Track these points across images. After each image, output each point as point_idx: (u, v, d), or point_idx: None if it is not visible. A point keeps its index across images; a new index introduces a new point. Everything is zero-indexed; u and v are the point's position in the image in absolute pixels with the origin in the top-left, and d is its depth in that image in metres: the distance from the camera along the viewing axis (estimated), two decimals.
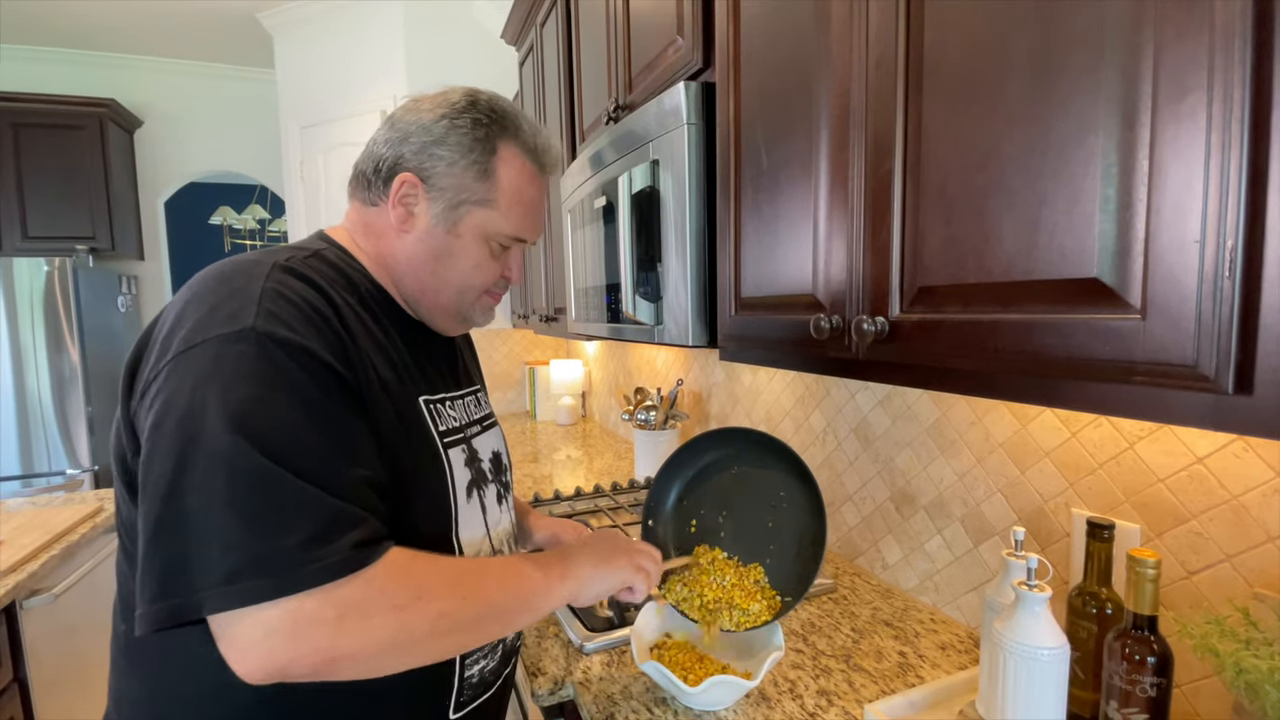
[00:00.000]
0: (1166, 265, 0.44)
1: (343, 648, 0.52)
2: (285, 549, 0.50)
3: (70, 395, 3.07)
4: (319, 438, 0.55)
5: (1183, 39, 0.43)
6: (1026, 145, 0.53)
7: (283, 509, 0.51)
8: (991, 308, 0.58)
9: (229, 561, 0.49)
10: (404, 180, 0.70)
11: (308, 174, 3.20)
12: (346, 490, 0.55)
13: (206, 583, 0.49)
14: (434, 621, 0.56)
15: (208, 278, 0.61)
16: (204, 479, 0.50)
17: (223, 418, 0.51)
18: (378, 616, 0.53)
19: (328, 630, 0.51)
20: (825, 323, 0.76)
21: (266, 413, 0.53)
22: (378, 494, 0.59)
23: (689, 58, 1.10)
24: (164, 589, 0.50)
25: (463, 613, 0.58)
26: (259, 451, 0.51)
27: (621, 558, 0.76)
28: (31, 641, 1.40)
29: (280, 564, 0.50)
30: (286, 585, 0.50)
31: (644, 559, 0.78)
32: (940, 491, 1.10)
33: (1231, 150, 0.41)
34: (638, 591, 0.77)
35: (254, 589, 0.49)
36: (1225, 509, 0.71)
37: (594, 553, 0.75)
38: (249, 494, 0.50)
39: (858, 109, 0.72)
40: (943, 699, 0.84)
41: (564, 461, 2.27)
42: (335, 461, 0.55)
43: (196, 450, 0.51)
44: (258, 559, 0.49)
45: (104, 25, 3.34)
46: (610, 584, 0.74)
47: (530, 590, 0.65)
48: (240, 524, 0.50)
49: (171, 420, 0.52)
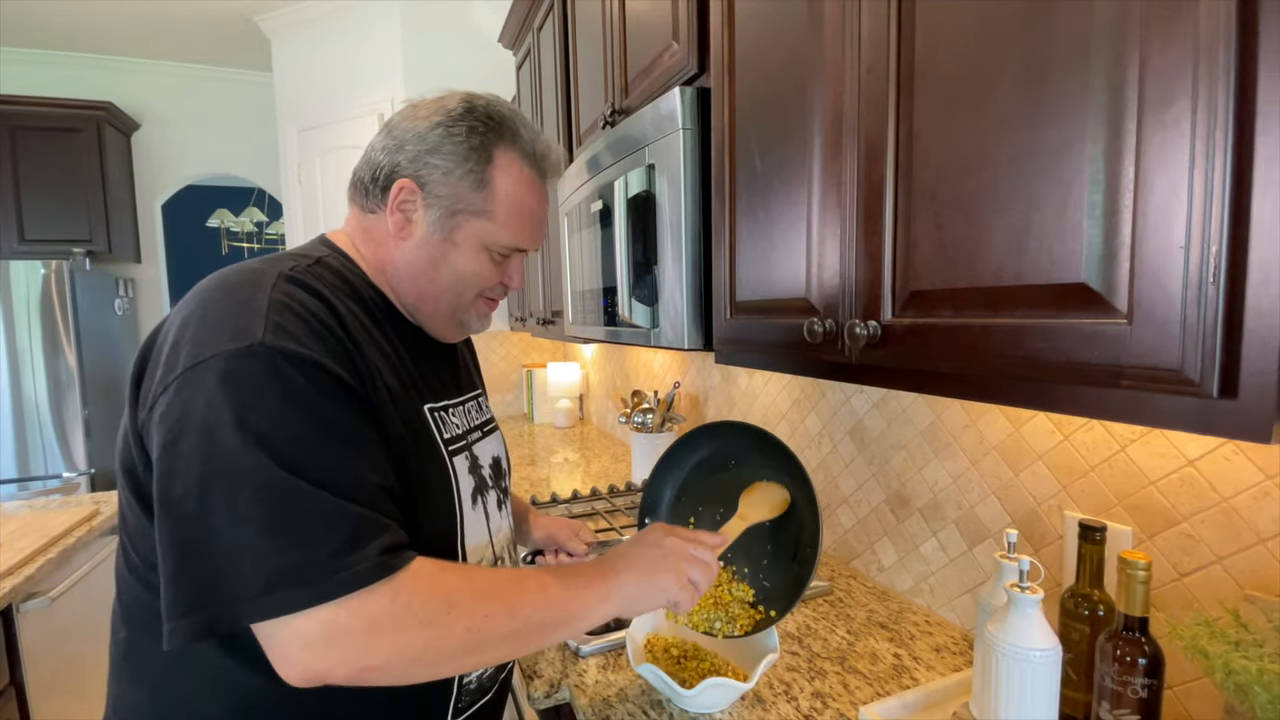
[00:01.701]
0: (1152, 270, 0.45)
1: (374, 658, 0.53)
2: (316, 559, 0.51)
3: (67, 399, 3.07)
4: (335, 449, 0.55)
5: (1168, 48, 0.43)
6: (1016, 151, 0.54)
7: (309, 520, 0.52)
8: (982, 312, 0.58)
9: (263, 573, 0.50)
10: (402, 186, 0.70)
11: (305, 177, 3.20)
12: (367, 499, 0.55)
13: (243, 595, 0.50)
14: (464, 638, 0.56)
15: (212, 288, 0.61)
16: (228, 497, 0.51)
17: (240, 435, 0.51)
18: (408, 631, 0.54)
19: (358, 641, 0.52)
20: (819, 326, 0.77)
21: (282, 427, 0.53)
22: (395, 501, 0.59)
23: (684, 63, 1.11)
24: (198, 603, 0.51)
25: (494, 630, 0.58)
26: (278, 465, 0.51)
27: (667, 573, 0.68)
28: (28, 645, 1.40)
29: (313, 573, 0.50)
30: (322, 593, 0.50)
31: (695, 568, 0.70)
32: (935, 494, 1.11)
33: (1215, 157, 0.41)
34: (682, 605, 0.69)
35: (291, 598, 0.50)
36: (1216, 511, 0.71)
37: (639, 569, 0.68)
38: (274, 508, 0.51)
39: (850, 114, 0.72)
40: (937, 701, 0.84)
41: (561, 464, 2.27)
42: (353, 471, 0.56)
43: (217, 469, 0.51)
44: (291, 569, 0.50)
45: (101, 28, 3.34)
46: (655, 602, 0.68)
47: (568, 611, 0.63)
48: (269, 538, 0.50)
49: (188, 439, 0.52)
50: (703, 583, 0.70)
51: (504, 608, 0.59)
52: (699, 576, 0.70)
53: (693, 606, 0.71)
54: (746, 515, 0.88)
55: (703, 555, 0.71)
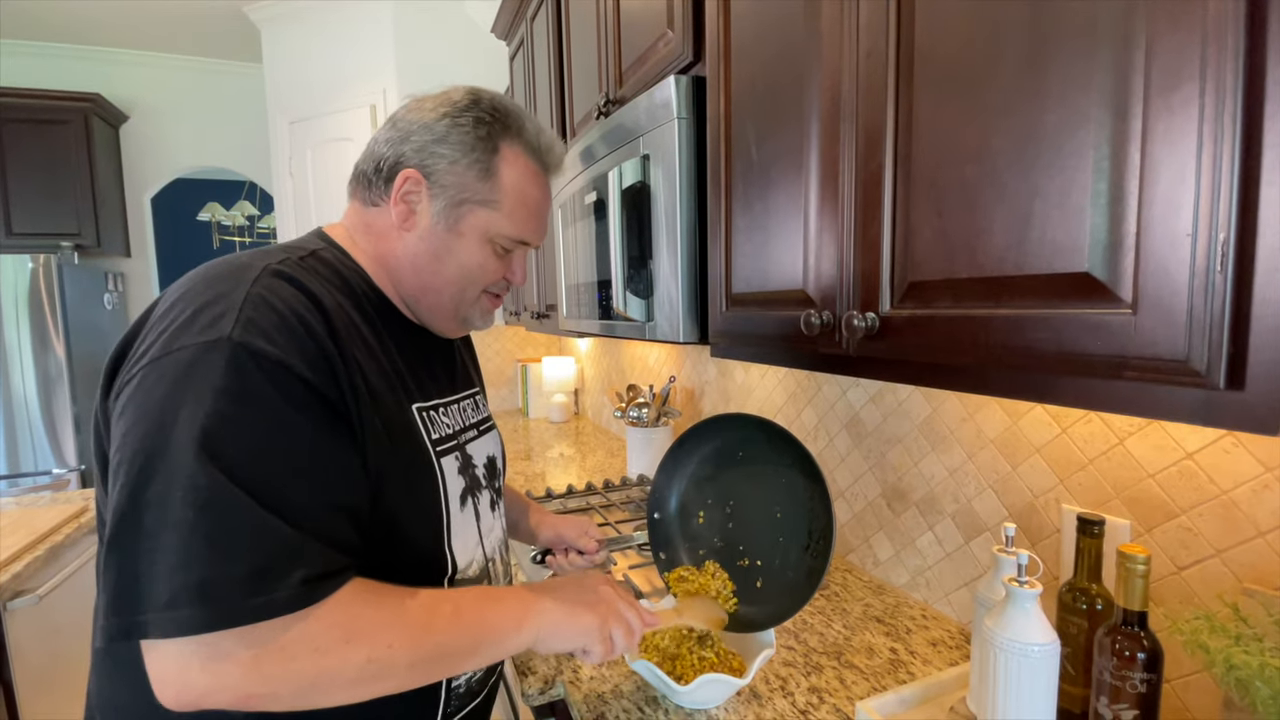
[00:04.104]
0: (1158, 259, 0.44)
1: (257, 687, 0.50)
2: (229, 578, 0.48)
3: (56, 394, 3.04)
4: (285, 461, 0.53)
5: (1176, 28, 0.42)
6: (1018, 137, 0.53)
7: (235, 535, 0.49)
8: (983, 303, 0.57)
9: (173, 585, 0.47)
10: (407, 176, 0.69)
11: (296, 169, 3.17)
12: (308, 518, 0.52)
13: (150, 604, 0.47)
14: (361, 667, 0.53)
15: (196, 279, 0.59)
16: (162, 495, 0.48)
17: (189, 433, 0.49)
18: (299, 660, 0.51)
19: (241, 670, 0.49)
20: (816, 318, 0.76)
21: (234, 431, 0.51)
22: (353, 519, 0.57)
23: (679, 51, 1.09)
24: (116, 605, 0.48)
25: (396, 659, 0.55)
26: (221, 471, 0.49)
27: (593, 618, 0.68)
28: (16, 643, 1.39)
29: (220, 594, 0.47)
30: (223, 619, 0.48)
31: (619, 626, 0.69)
32: (931, 488, 1.10)
33: (1224, 142, 0.40)
34: (592, 656, 0.69)
35: (190, 619, 0.47)
36: (1215, 504, 0.71)
37: (566, 604, 0.67)
38: (203, 515, 0.48)
39: (848, 101, 0.71)
40: (934, 695, 0.84)
41: (556, 459, 2.26)
42: (300, 487, 0.53)
43: (159, 464, 0.49)
44: (199, 585, 0.47)
45: (89, 19, 3.29)
46: (572, 642, 0.67)
47: (479, 638, 0.61)
48: (189, 546, 0.48)
49: (140, 429, 0.51)
50: (620, 645, 0.69)
51: (408, 637, 0.56)
52: (619, 637, 0.69)
53: (603, 661, 0.70)
54: (682, 613, 0.85)
55: (631, 618, 0.71)
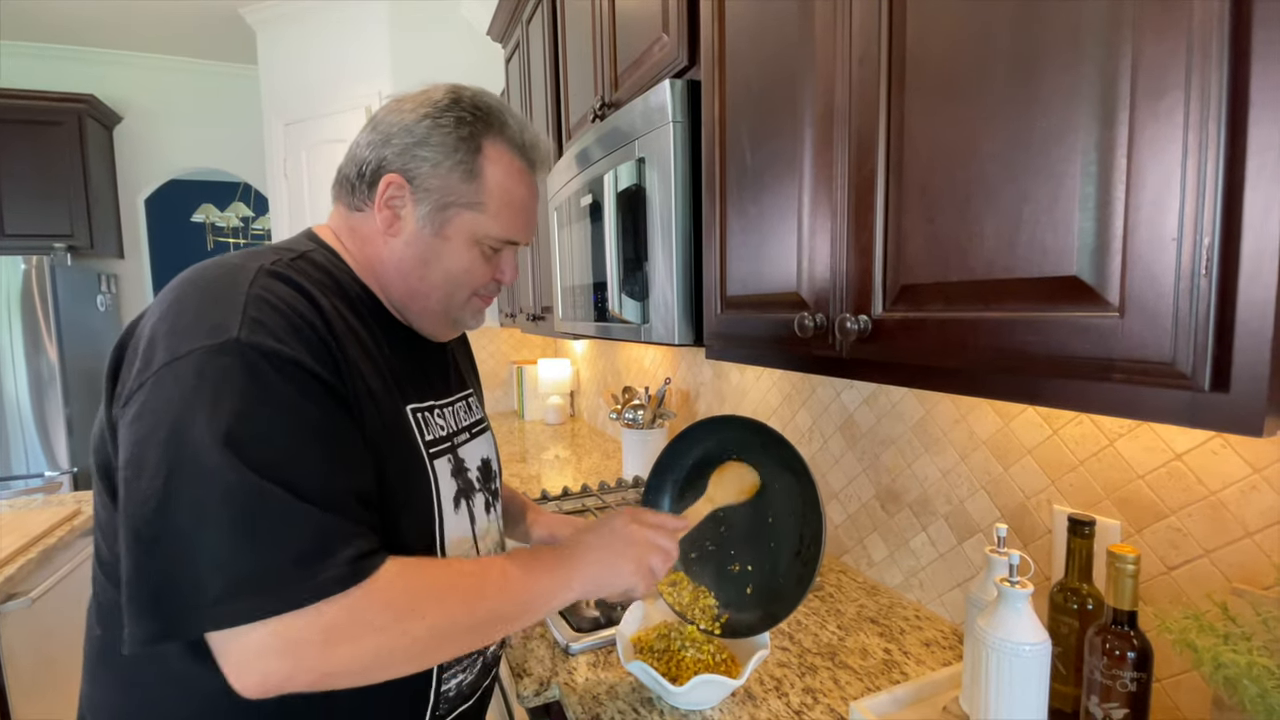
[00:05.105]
0: (1144, 263, 0.44)
1: (334, 666, 0.52)
2: (278, 566, 0.49)
3: (49, 396, 3.02)
4: (309, 452, 0.54)
5: (1161, 38, 0.43)
6: (1008, 143, 0.54)
7: (275, 525, 0.50)
8: (973, 306, 0.58)
9: (222, 579, 0.48)
10: (390, 181, 0.68)
11: (291, 171, 3.16)
12: (339, 504, 0.54)
13: (201, 601, 0.48)
14: (425, 639, 0.56)
15: (190, 282, 0.59)
16: (194, 496, 0.49)
17: (211, 434, 0.50)
18: (365, 638, 0.53)
19: (316, 651, 0.51)
20: (809, 321, 0.76)
21: (255, 428, 0.52)
22: (369, 506, 0.58)
23: (674, 55, 1.10)
24: (155, 606, 0.49)
25: (454, 626, 0.58)
26: (249, 467, 0.50)
27: (629, 561, 0.70)
28: (8, 646, 1.38)
29: (273, 581, 0.49)
30: (281, 603, 0.49)
31: (655, 555, 0.72)
32: (925, 489, 1.11)
33: (1209, 149, 0.41)
34: (637, 592, 0.72)
35: (248, 607, 0.49)
36: (1204, 505, 0.72)
37: (602, 556, 0.70)
38: (240, 511, 0.49)
39: (841, 106, 0.72)
40: (927, 695, 0.84)
41: (552, 461, 2.26)
42: (327, 475, 0.54)
43: (185, 467, 0.50)
44: (251, 577, 0.49)
45: (82, 19, 3.28)
46: (615, 589, 0.70)
47: (530, 600, 0.63)
48: (233, 542, 0.49)
49: (158, 436, 0.51)
50: (660, 570, 0.73)
51: (465, 605, 0.59)
52: (658, 564, 0.72)
53: (648, 593, 0.74)
54: (714, 498, 0.87)
55: (663, 542, 0.74)
